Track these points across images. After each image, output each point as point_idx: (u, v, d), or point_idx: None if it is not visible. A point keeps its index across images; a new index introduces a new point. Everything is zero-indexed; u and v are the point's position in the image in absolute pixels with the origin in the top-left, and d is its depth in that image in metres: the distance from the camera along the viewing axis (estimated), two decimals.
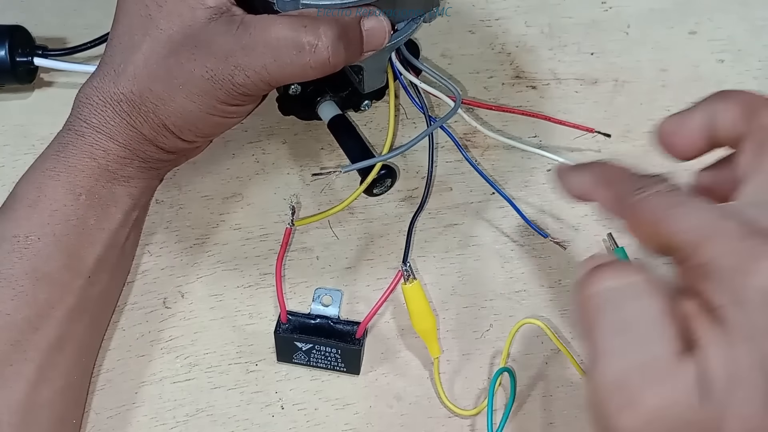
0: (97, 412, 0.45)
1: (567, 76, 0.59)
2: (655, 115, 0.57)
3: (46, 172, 0.41)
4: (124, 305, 0.48)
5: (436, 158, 0.54)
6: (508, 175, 0.54)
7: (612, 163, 0.33)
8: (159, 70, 0.40)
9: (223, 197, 0.53)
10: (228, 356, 0.47)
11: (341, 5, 0.40)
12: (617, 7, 0.63)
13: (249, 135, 0.55)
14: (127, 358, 0.47)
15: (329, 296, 0.48)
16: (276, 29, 0.38)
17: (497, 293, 0.50)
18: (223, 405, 0.46)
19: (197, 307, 0.49)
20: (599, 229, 0.52)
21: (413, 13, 0.45)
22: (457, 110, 0.45)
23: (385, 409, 0.46)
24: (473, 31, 0.61)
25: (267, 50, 0.38)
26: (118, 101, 0.41)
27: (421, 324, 0.45)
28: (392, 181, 0.51)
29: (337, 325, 0.46)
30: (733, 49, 0.61)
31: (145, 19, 0.40)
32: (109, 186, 0.42)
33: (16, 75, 0.55)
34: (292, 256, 0.50)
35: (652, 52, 0.60)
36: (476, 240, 0.51)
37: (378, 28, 0.41)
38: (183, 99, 0.40)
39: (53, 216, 0.40)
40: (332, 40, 0.39)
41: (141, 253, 0.50)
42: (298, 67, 0.39)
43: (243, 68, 0.39)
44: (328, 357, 0.46)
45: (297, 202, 0.52)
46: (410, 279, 0.44)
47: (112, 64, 0.41)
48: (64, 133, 0.42)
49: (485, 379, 0.47)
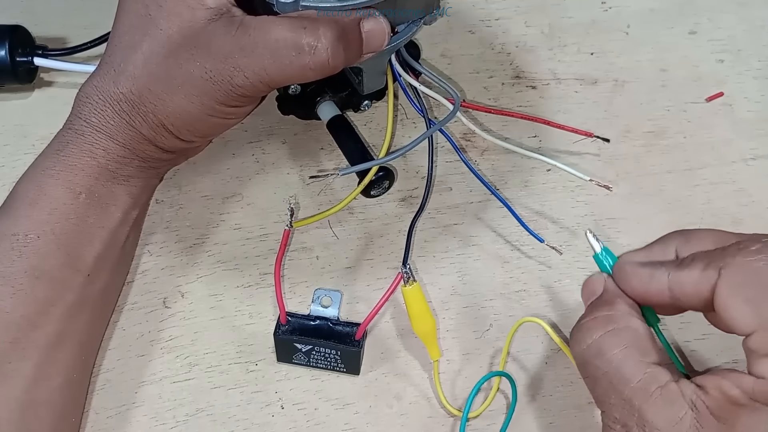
0: (97, 411, 0.45)
1: (567, 76, 0.59)
2: (655, 115, 0.58)
3: (46, 170, 0.41)
4: (124, 305, 0.48)
5: (435, 158, 0.54)
6: (508, 175, 0.54)
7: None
8: (158, 70, 0.40)
9: (223, 197, 0.53)
10: (228, 356, 0.47)
11: (341, 7, 0.40)
12: (617, 7, 0.63)
13: (249, 135, 0.55)
14: (126, 358, 0.47)
15: (329, 297, 0.48)
16: (275, 30, 0.38)
17: (497, 293, 0.50)
18: (223, 405, 0.46)
19: (197, 307, 0.49)
20: (597, 230, 0.52)
21: (413, 14, 0.45)
22: (455, 114, 0.45)
23: (385, 409, 0.46)
24: (473, 31, 0.61)
25: (266, 51, 0.38)
26: (117, 101, 0.41)
27: (420, 326, 0.45)
28: (390, 183, 0.51)
29: (337, 326, 0.46)
30: (733, 49, 0.61)
31: (145, 18, 0.40)
32: (108, 185, 0.42)
33: (16, 75, 0.55)
34: (292, 255, 0.50)
35: (652, 52, 0.60)
36: (476, 240, 0.51)
37: (377, 30, 0.41)
38: (182, 99, 0.40)
39: (53, 214, 0.40)
40: (332, 41, 0.38)
41: (141, 252, 0.50)
42: (298, 68, 0.39)
43: (242, 69, 0.39)
44: (328, 358, 0.46)
45: (296, 203, 0.52)
46: (410, 281, 0.44)
47: (111, 63, 0.41)
48: (64, 132, 0.42)
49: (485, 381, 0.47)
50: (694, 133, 0.57)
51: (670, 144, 0.56)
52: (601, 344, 0.34)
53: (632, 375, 0.33)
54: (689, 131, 0.57)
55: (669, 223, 0.52)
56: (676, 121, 0.57)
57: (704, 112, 0.58)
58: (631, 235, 0.51)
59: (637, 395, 0.33)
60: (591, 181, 0.48)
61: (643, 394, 0.33)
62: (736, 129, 0.57)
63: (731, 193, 0.54)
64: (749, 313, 0.32)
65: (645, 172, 0.55)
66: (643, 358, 0.34)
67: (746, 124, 0.57)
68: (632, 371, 0.33)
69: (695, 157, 0.55)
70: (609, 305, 0.36)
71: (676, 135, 0.56)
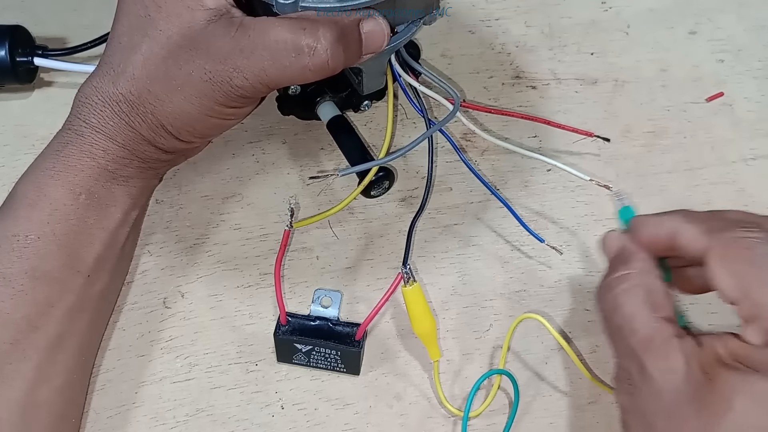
0: (97, 412, 0.45)
1: (567, 76, 0.59)
2: (655, 115, 0.58)
3: (46, 171, 0.41)
4: (124, 305, 0.48)
5: (435, 158, 0.54)
6: (509, 175, 0.54)
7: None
8: (157, 71, 0.40)
9: (223, 197, 0.53)
10: (228, 356, 0.47)
11: (340, 8, 0.40)
12: (617, 7, 0.63)
13: (249, 135, 0.55)
14: (126, 358, 0.47)
15: (329, 297, 0.48)
16: (275, 32, 0.38)
17: (497, 293, 0.50)
18: (223, 405, 0.46)
19: (197, 307, 0.49)
20: (597, 230, 0.52)
21: (413, 15, 0.45)
22: (455, 114, 0.45)
23: (385, 409, 0.46)
24: (473, 31, 0.61)
25: (266, 53, 0.38)
26: (117, 101, 0.41)
27: (420, 327, 0.45)
28: (390, 183, 0.51)
29: (337, 326, 0.46)
30: (733, 49, 0.61)
31: (145, 19, 0.40)
32: (108, 186, 0.42)
33: (16, 75, 0.55)
34: (292, 255, 0.50)
35: (652, 52, 0.60)
36: (476, 240, 0.51)
37: (377, 31, 0.41)
38: (181, 100, 0.40)
39: (53, 215, 0.40)
40: (331, 42, 0.38)
41: (141, 253, 0.50)
42: (297, 69, 0.39)
43: (241, 70, 0.39)
44: (328, 358, 0.46)
45: (296, 204, 0.52)
46: (410, 282, 0.44)
47: (111, 64, 0.41)
48: (63, 133, 0.42)
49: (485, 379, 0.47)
50: (694, 133, 0.57)
51: (670, 144, 0.56)
52: (617, 300, 0.38)
53: (640, 327, 0.36)
54: (689, 131, 0.57)
55: None
56: (676, 121, 0.57)
57: (704, 112, 0.58)
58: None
59: (641, 345, 0.36)
60: (591, 181, 0.48)
61: (646, 344, 0.36)
62: (736, 129, 0.57)
63: (731, 193, 0.54)
64: (733, 285, 0.35)
65: (645, 172, 0.55)
66: (654, 312, 0.37)
67: (746, 124, 0.57)
68: (641, 324, 0.36)
69: (695, 157, 0.56)
70: (625, 263, 0.39)
71: (676, 135, 0.56)
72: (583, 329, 0.48)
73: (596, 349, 0.48)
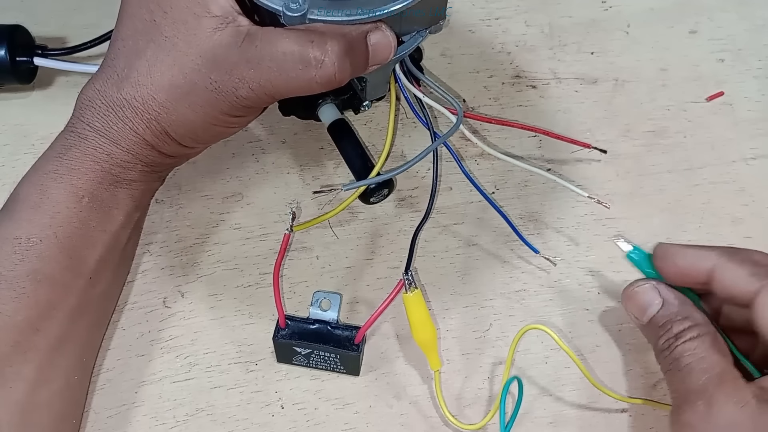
0: (97, 411, 0.45)
1: (567, 76, 0.59)
2: (655, 115, 0.58)
3: (49, 174, 0.41)
4: (124, 305, 0.48)
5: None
6: (508, 175, 0.54)
7: None
8: (162, 79, 0.39)
9: (223, 197, 0.53)
10: (228, 356, 0.47)
11: (348, 21, 0.40)
12: (617, 6, 0.63)
13: (249, 135, 0.55)
14: (127, 358, 0.47)
15: (328, 300, 0.47)
16: (282, 43, 0.38)
17: (497, 293, 0.50)
18: (223, 405, 0.46)
19: (197, 306, 0.49)
20: (597, 229, 0.52)
21: (419, 25, 0.44)
22: (458, 126, 0.45)
23: (384, 409, 0.46)
24: (473, 30, 0.61)
25: (272, 64, 0.38)
26: (120, 107, 0.40)
27: (421, 335, 0.45)
28: (389, 191, 0.50)
29: (336, 330, 0.46)
30: (733, 49, 0.61)
31: (150, 24, 0.40)
32: (111, 189, 0.41)
33: (16, 75, 0.55)
34: (292, 255, 0.50)
35: (652, 52, 0.60)
36: (476, 240, 0.51)
37: (384, 43, 0.41)
38: (186, 109, 0.40)
39: (55, 218, 0.40)
40: (339, 55, 0.38)
41: (141, 252, 0.50)
42: (304, 81, 0.39)
43: (247, 81, 0.38)
44: (327, 360, 0.46)
45: (297, 207, 0.52)
46: (411, 288, 0.44)
47: (114, 67, 0.41)
48: (66, 135, 0.42)
49: (485, 379, 0.47)
50: (695, 132, 0.57)
51: (670, 143, 0.56)
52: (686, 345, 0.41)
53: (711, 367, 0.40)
54: (689, 131, 0.57)
55: (669, 223, 0.52)
56: (676, 121, 0.57)
57: (704, 111, 0.58)
58: (631, 235, 0.51)
59: (713, 381, 0.39)
60: (590, 198, 0.48)
61: (718, 381, 0.39)
62: (737, 128, 0.57)
63: (731, 193, 0.54)
64: None
65: (645, 171, 0.55)
66: (722, 357, 0.40)
67: (746, 124, 0.57)
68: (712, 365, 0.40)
69: (695, 156, 0.55)
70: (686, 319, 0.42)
71: (676, 134, 0.56)
72: (583, 329, 0.48)
73: (596, 349, 0.48)
